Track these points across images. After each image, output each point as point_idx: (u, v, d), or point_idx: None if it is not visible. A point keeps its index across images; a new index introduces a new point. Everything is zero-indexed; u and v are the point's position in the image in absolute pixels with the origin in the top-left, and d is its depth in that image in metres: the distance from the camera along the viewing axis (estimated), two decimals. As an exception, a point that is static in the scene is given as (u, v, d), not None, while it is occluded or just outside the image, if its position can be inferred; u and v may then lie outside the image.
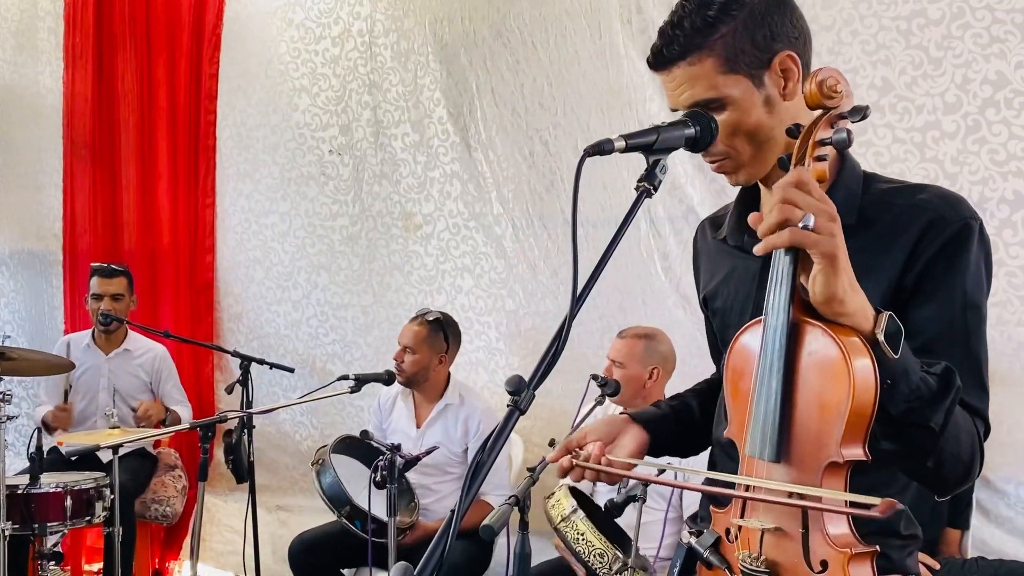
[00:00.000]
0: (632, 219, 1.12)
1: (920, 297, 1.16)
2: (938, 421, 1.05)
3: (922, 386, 1.04)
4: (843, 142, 1.09)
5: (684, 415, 1.47)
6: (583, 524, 2.40)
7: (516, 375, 1.04)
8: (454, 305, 3.81)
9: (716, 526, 1.22)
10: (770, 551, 1.11)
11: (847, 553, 1.04)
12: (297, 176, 4.18)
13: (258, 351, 3.96)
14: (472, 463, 0.98)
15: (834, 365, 1.03)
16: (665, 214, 3.34)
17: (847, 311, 1.03)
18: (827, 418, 1.04)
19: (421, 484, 3.24)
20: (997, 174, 2.81)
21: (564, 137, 3.61)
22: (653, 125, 1.17)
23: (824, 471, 1.05)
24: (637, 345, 2.92)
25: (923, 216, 1.17)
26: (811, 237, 1.00)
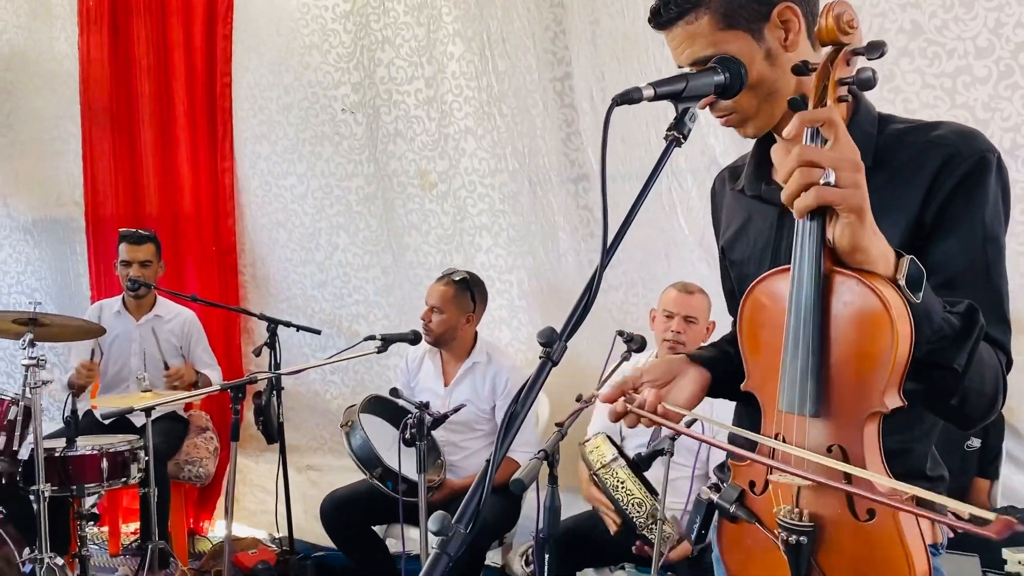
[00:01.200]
0: (661, 169, 1.10)
1: (939, 233, 1.16)
2: (961, 361, 1.05)
3: (945, 327, 1.04)
4: (869, 81, 1.06)
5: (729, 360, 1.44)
6: (623, 472, 2.40)
7: (548, 327, 1.03)
8: (473, 264, 3.79)
9: (738, 479, 1.21)
10: (811, 504, 1.09)
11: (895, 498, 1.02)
12: (311, 136, 4.15)
13: (285, 313, 3.99)
14: (506, 414, 0.98)
15: (875, 315, 1.00)
16: (687, 166, 3.30)
17: (870, 258, 1.02)
18: (868, 368, 1.02)
19: (449, 441, 3.27)
20: (1031, 119, 2.75)
21: (580, 88, 3.55)
22: (681, 72, 1.15)
23: (866, 422, 1.03)
24: (704, 301, 2.96)
25: (939, 152, 1.16)
26: (837, 194, 0.99)
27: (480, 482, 0.94)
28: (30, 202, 4.83)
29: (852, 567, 1.07)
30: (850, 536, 1.06)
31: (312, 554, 3.99)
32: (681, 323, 2.92)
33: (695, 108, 1.15)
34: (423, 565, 0.90)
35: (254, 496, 4.42)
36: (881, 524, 1.04)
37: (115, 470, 3.22)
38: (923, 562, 1.03)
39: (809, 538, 1.08)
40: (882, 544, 1.04)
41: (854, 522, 1.06)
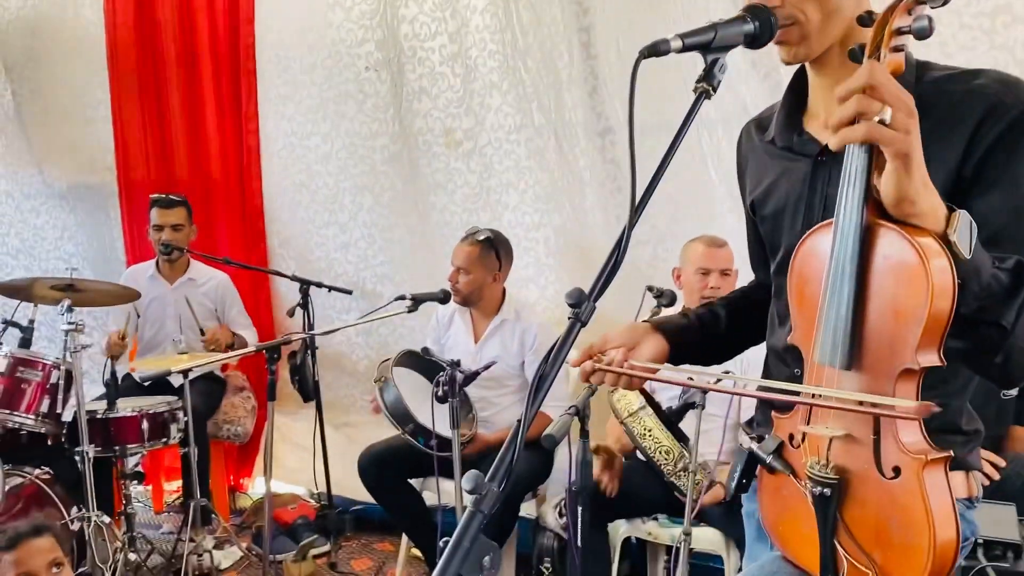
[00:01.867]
0: (691, 122, 1.09)
1: (981, 186, 1.12)
2: (1010, 319, 1.03)
3: (993, 283, 1.02)
4: (924, 30, 1.04)
5: (709, 325, 1.47)
6: (651, 420, 2.43)
7: (576, 288, 1.03)
8: (501, 222, 3.77)
9: (779, 431, 1.22)
10: (839, 457, 1.10)
11: (922, 460, 1.02)
12: (335, 95, 4.12)
13: (309, 275, 4.01)
14: (536, 374, 0.99)
15: (911, 270, 0.99)
16: (718, 116, 3.23)
17: (919, 211, 1.00)
18: (902, 324, 1.01)
19: (481, 397, 3.31)
20: (1072, 64, 2.66)
21: (605, 38, 3.47)
22: (710, 22, 1.12)
23: (898, 377, 1.03)
24: (730, 251, 2.96)
25: (981, 102, 1.12)
26: (887, 133, 0.96)
27: (512, 441, 0.95)
28: (64, 168, 4.89)
29: (875, 525, 1.06)
30: (875, 493, 1.06)
31: (351, 508, 4.08)
32: (718, 278, 2.90)
33: (724, 59, 1.12)
34: (458, 518, 0.92)
35: (293, 453, 4.51)
36: (906, 484, 1.03)
37: (155, 431, 3.30)
38: (948, 530, 1.02)
39: (834, 491, 1.08)
40: (906, 504, 1.03)
41: (879, 479, 1.06)
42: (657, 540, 2.94)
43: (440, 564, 0.86)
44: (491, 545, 0.88)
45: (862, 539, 1.07)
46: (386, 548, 3.91)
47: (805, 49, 1.21)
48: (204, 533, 3.36)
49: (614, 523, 2.96)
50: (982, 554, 2.13)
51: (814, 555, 1.10)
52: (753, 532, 1.45)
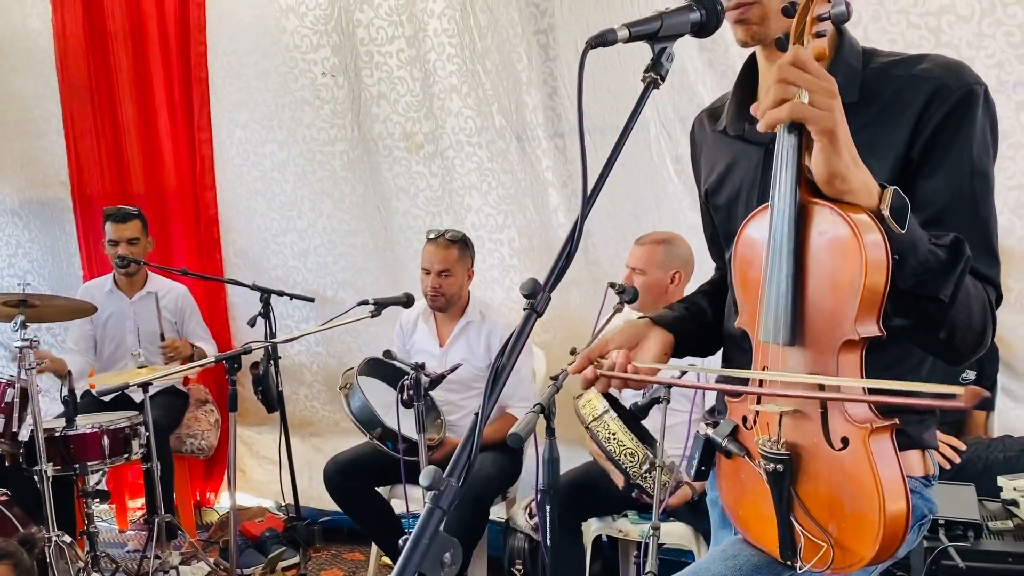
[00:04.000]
0: (640, 111, 1.10)
1: (927, 168, 1.15)
2: (947, 292, 1.05)
3: (931, 258, 1.04)
4: (842, 15, 1.07)
5: (699, 315, 1.47)
6: (615, 424, 2.43)
7: (531, 279, 1.03)
8: (464, 224, 3.77)
9: (732, 415, 1.24)
10: (789, 433, 1.11)
11: (867, 428, 1.04)
12: (291, 102, 4.08)
13: (266, 284, 3.95)
14: (492, 368, 0.98)
15: (845, 243, 1.02)
16: (675, 115, 3.26)
17: (851, 188, 1.02)
18: (840, 296, 1.03)
19: (448, 400, 3.29)
20: (1013, 56, 2.72)
21: (564, 40, 3.49)
22: (656, 12, 1.12)
23: (840, 349, 1.05)
24: (657, 251, 2.91)
25: (926, 86, 1.15)
26: (810, 111, 0.99)
27: (470, 435, 0.94)
28: (16, 184, 4.78)
29: (828, 498, 1.08)
30: (826, 466, 1.08)
31: (319, 519, 4.03)
32: (633, 276, 2.91)
33: (671, 48, 1.13)
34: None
35: (259, 466, 4.45)
36: (854, 453, 1.05)
37: (116, 447, 3.23)
38: (898, 498, 1.04)
39: (786, 466, 1.10)
40: (855, 474, 1.05)
41: (829, 451, 1.07)
42: (628, 537, 2.94)
43: (399, 562, 0.85)
44: (451, 541, 0.87)
45: (816, 513, 1.09)
46: (356, 558, 3.87)
47: (764, 29, 1.23)
48: (170, 549, 3.29)
49: (586, 521, 2.96)
50: (943, 534, 2.16)
51: (774, 535, 1.12)
52: (717, 519, 1.46)
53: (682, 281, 2.93)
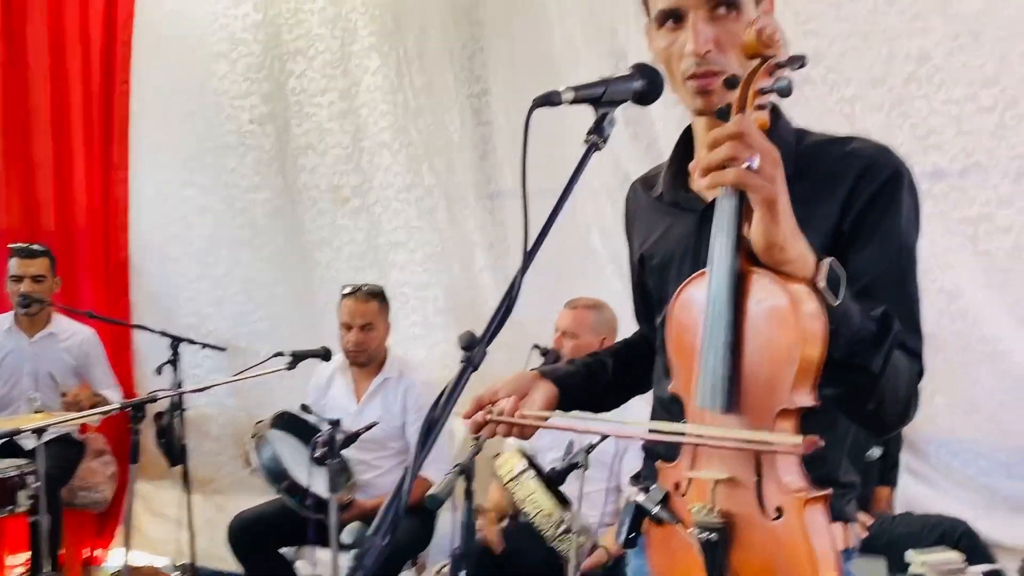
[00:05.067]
0: (582, 171, 1.11)
1: (857, 242, 1.18)
2: (878, 364, 1.06)
3: (863, 330, 1.06)
4: (785, 89, 1.09)
5: (597, 372, 1.49)
6: (532, 483, 2.40)
7: (468, 331, 1.01)
8: (388, 280, 3.73)
9: (664, 481, 1.22)
10: (724, 502, 1.10)
11: (802, 498, 1.04)
12: (215, 146, 4.02)
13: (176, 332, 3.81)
14: (426, 420, 0.95)
15: (782, 312, 1.03)
16: (602, 185, 3.33)
17: (788, 258, 1.04)
18: (777, 365, 1.04)
19: (360, 460, 3.20)
20: (919, 148, 2.89)
21: (497, 105, 3.56)
22: (601, 77, 1.15)
23: (776, 418, 1.05)
24: (589, 315, 2.96)
25: (857, 163, 1.20)
26: (754, 179, 1.00)
27: (397, 490, 0.91)
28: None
29: (762, 568, 1.07)
30: (760, 536, 1.07)
31: (217, 581, 3.83)
32: (564, 339, 2.94)
33: (614, 113, 1.15)
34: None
35: (156, 523, 4.22)
36: (788, 524, 1.05)
37: (1, 497, 3.02)
38: (830, 570, 1.04)
39: (720, 535, 1.08)
40: (789, 544, 1.05)
41: (763, 521, 1.07)
42: (542, 605, 2.88)
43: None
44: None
45: (750, 583, 1.08)
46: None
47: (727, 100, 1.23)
48: (51, 612, 3.06)
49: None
50: (855, 607, 2.19)
51: (706, 606, 1.10)
52: (640, 589, 1.44)
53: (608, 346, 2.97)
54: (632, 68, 1.19)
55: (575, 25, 3.38)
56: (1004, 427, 2.96)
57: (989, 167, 2.83)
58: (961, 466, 3.06)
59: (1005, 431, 2.96)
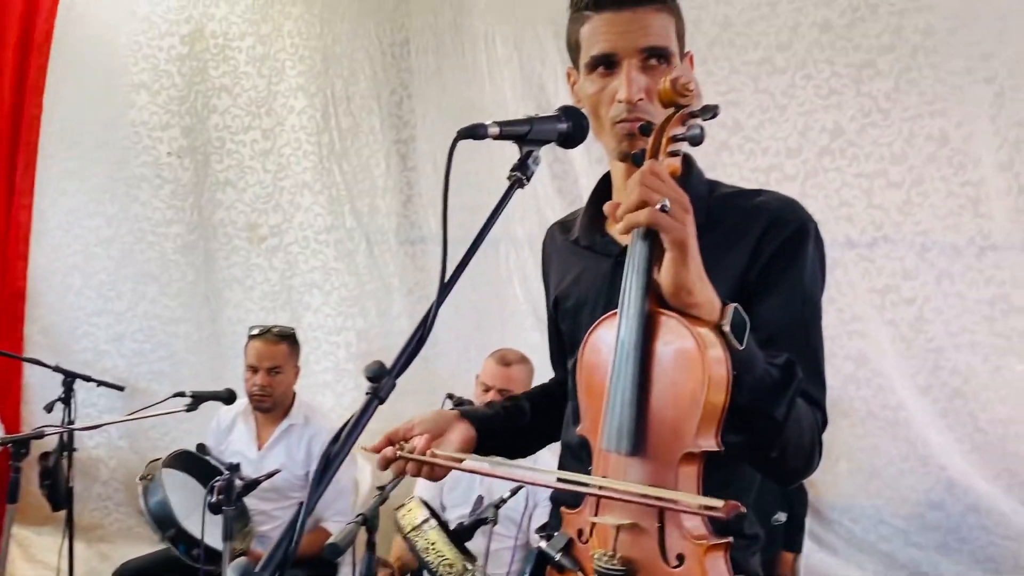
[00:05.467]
0: (504, 206, 1.10)
1: (763, 292, 1.21)
2: (781, 411, 1.08)
3: (766, 377, 1.07)
4: (697, 137, 1.12)
5: (515, 416, 1.47)
6: (435, 534, 2.33)
7: (376, 361, 0.97)
8: (300, 323, 3.65)
9: (568, 527, 1.20)
10: (625, 548, 1.09)
11: (703, 545, 1.04)
12: (128, 177, 3.89)
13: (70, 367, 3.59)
14: (323, 455, 0.90)
15: (688, 355, 1.04)
16: (524, 235, 3.35)
17: (696, 301, 1.05)
18: (682, 408, 1.04)
19: (260, 510, 3.04)
20: (831, 218, 3.02)
21: (423, 151, 3.58)
22: (527, 116, 1.15)
23: (679, 462, 1.05)
24: (522, 371, 2.95)
25: (764, 216, 1.23)
26: (666, 220, 1.02)
27: (289, 528, 0.87)
28: None
29: None
30: None
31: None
32: (496, 396, 2.90)
33: (538, 152, 1.15)
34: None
35: (33, 572, 3.92)
36: (689, 571, 1.04)
37: None
38: None
39: None
40: None
41: (665, 568, 1.06)
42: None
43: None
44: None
45: (650, 631, 1.05)
46: None
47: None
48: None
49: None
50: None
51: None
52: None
53: None
54: (558, 110, 1.20)
55: (504, 79, 3.43)
56: (903, 494, 3.04)
57: (896, 240, 2.96)
58: (862, 533, 3.12)
59: (904, 498, 3.04)
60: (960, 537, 2.99)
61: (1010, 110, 2.86)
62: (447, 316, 3.62)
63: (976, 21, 2.87)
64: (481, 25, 3.45)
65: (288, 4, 3.74)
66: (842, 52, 3.00)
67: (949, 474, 2.96)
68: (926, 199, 2.95)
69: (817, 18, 3.01)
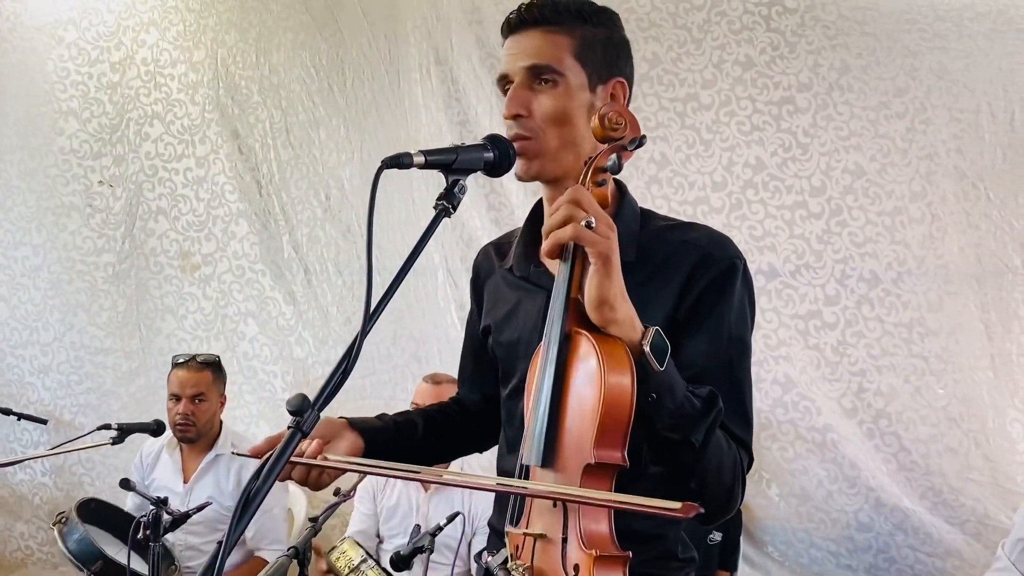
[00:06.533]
0: (430, 237, 1.10)
1: (690, 330, 1.21)
2: (699, 438, 1.09)
3: (686, 403, 1.09)
4: (614, 167, 1.15)
5: (405, 431, 1.44)
6: (373, 572, 2.31)
7: (299, 393, 0.96)
8: (235, 352, 3.60)
9: (510, 544, 1.19)
10: (538, 559, 1.10)
11: (592, 555, 1.02)
12: (57, 206, 3.81)
13: (-8, 401, 3.50)
14: (244, 492, 0.88)
15: (592, 370, 1.06)
16: (462, 264, 3.37)
17: (617, 318, 1.07)
18: (585, 422, 1.06)
19: (188, 545, 2.95)
20: (755, 248, 3.12)
21: (361, 183, 3.57)
22: (453, 145, 1.17)
23: (583, 475, 1.05)
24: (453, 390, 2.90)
25: (694, 254, 1.24)
26: (589, 234, 1.05)
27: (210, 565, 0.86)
28: None
29: None
30: None
31: None
32: None
33: (464, 181, 1.15)
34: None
35: (-60, 623, 3.74)
36: None
37: None
38: None
39: None
40: None
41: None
42: None
43: None
44: None
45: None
46: None
47: (537, 166, 1.27)
48: None
49: None
50: None
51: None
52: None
53: None
54: (485, 139, 1.21)
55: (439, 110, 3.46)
56: (833, 516, 3.12)
57: (817, 268, 3.07)
58: (795, 555, 3.18)
59: (834, 520, 3.12)
60: (888, 557, 3.07)
61: (921, 143, 3.01)
62: (385, 346, 3.63)
63: (889, 58, 3.02)
64: (416, 55, 3.48)
65: (221, 32, 3.72)
66: (763, 89, 3.12)
67: (877, 495, 3.04)
68: (844, 228, 3.07)
69: (739, 56, 3.12)
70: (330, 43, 3.59)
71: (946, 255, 3.01)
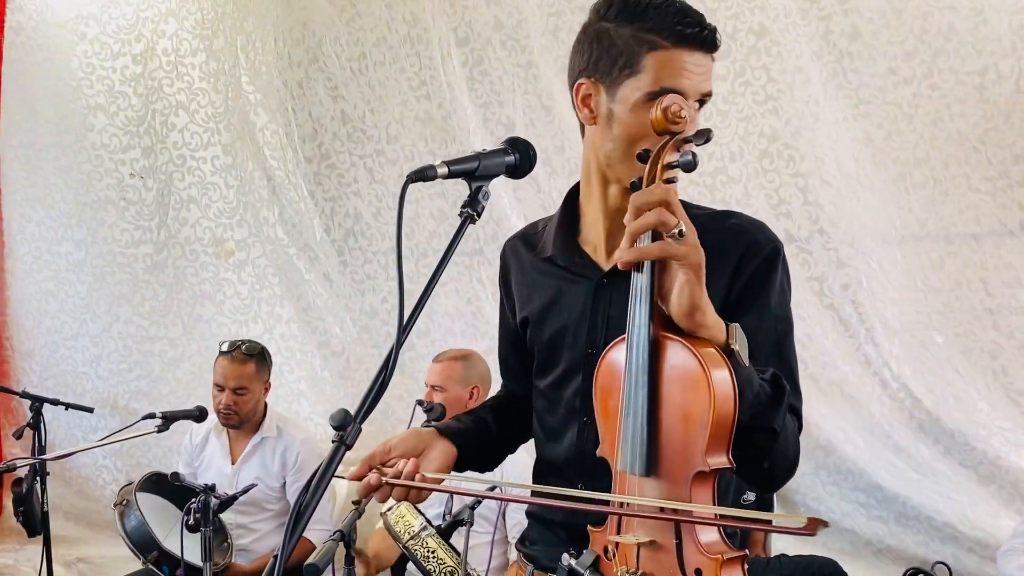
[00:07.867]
0: (456, 245, 1.12)
1: (741, 311, 1.24)
2: (779, 423, 1.13)
3: (761, 392, 1.11)
4: (689, 164, 1.12)
5: (484, 430, 1.45)
6: (433, 541, 2.31)
7: (342, 409, 1.01)
8: (272, 335, 3.68)
9: (594, 545, 1.22)
10: (647, 564, 1.12)
11: (719, 559, 1.06)
12: (94, 201, 3.91)
13: (53, 391, 3.63)
14: (295, 505, 0.94)
15: (694, 377, 1.06)
16: (493, 241, 3.41)
17: (708, 322, 1.08)
18: (691, 429, 1.07)
19: (238, 524, 3.07)
20: (772, 216, 3.12)
21: (388, 165, 3.60)
22: (474, 152, 1.18)
23: (692, 481, 1.08)
24: (455, 367, 2.92)
25: (741, 239, 1.27)
26: (681, 249, 1.04)
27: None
28: None
29: None
30: None
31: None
32: (430, 392, 2.88)
33: (487, 187, 1.17)
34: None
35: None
36: None
37: None
38: None
39: None
40: None
41: None
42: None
43: None
44: None
45: (670, 645, 1.08)
46: None
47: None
48: None
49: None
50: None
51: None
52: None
53: (480, 396, 2.94)
54: (505, 143, 1.22)
55: (463, 92, 3.47)
56: (861, 466, 3.16)
57: (831, 233, 3.10)
58: (827, 511, 3.22)
59: (861, 471, 3.16)
60: (915, 504, 3.09)
61: (926, 108, 2.98)
62: (421, 323, 3.67)
63: (900, 20, 2.99)
64: (436, 35, 3.48)
65: (240, 19, 3.74)
66: (776, 58, 3.09)
67: (895, 442, 3.08)
68: (855, 195, 3.09)
69: (753, 24, 3.09)
70: (350, 27, 3.60)
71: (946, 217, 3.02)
